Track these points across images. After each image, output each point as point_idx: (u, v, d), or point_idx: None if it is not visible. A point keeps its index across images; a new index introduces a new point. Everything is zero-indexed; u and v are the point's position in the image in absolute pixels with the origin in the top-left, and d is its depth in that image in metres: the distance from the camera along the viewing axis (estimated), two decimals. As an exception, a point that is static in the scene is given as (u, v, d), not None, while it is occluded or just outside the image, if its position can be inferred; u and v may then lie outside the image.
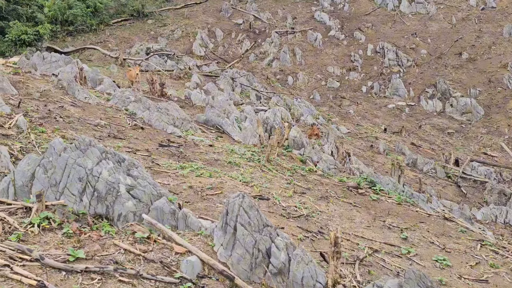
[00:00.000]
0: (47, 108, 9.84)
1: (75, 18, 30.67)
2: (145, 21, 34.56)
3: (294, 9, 36.56)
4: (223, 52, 33.05)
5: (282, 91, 28.85)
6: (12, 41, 25.98)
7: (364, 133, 23.62)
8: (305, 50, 32.74)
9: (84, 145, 3.95)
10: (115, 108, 11.77)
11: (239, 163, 8.78)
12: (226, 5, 36.42)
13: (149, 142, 9.23)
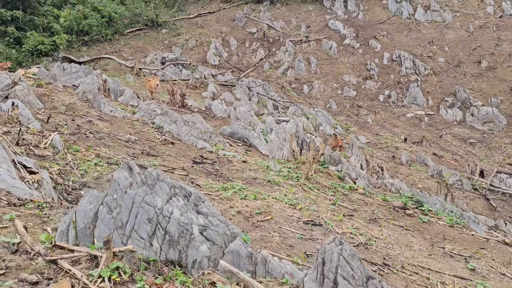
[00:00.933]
0: (75, 122, 9.41)
1: (90, 28, 30.51)
2: (159, 30, 34.36)
3: (308, 18, 36.20)
4: (237, 61, 32.70)
5: (298, 100, 28.38)
6: (29, 51, 25.80)
7: (384, 143, 23.01)
8: (320, 59, 32.29)
9: (151, 179, 3.47)
10: (142, 122, 11.33)
11: (278, 181, 8.26)
12: (240, 14, 36.16)
13: (182, 158, 8.75)
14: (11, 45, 25.78)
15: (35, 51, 25.87)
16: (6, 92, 10.13)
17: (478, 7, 32.79)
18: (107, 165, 6.72)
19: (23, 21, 26.95)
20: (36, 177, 4.73)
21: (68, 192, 5.26)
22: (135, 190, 3.35)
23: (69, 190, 5.29)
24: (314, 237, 5.63)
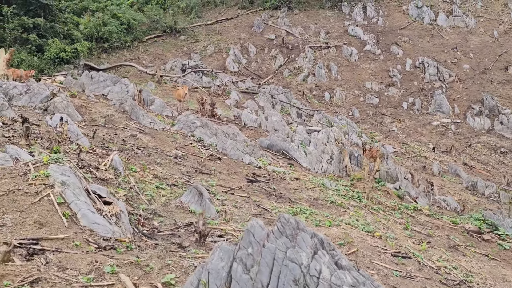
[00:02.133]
0: (119, 137, 8.87)
1: (110, 35, 30.19)
2: (177, 37, 33.97)
3: (327, 24, 35.62)
4: (257, 68, 32.17)
5: (320, 108, 27.74)
6: (51, 58, 25.48)
7: (411, 152, 22.26)
8: (340, 65, 31.65)
9: (290, 228, 2.87)
10: (182, 134, 10.77)
11: (341, 203, 7.63)
12: (258, 21, 35.67)
13: (235, 176, 8.15)
14: (33, 52, 25.48)
15: (57, 59, 25.54)
16: (45, 104, 9.63)
17: (502, 12, 32.02)
18: (169, 188, 6.14)
19: (44, 29, 26.66)
20: (113, 209, 4.16)
21: (142, 223, 4.68)
22: (274, 243, 2.75)
23: (142, 221, 4.70)
24: (411, 274, 4.98)
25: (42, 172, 4.04)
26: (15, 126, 7.11)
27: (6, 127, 6.86)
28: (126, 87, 16.24)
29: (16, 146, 5.03)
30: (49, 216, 3.51)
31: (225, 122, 15.69)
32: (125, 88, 16.19)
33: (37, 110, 9.23)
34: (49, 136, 6.85)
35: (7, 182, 3.82)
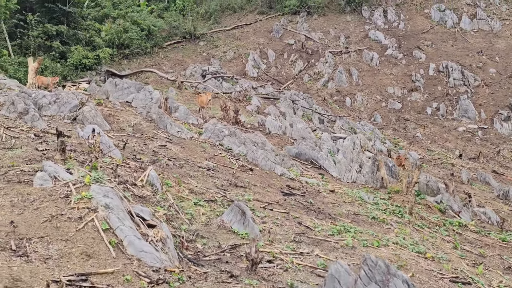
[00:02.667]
0: (149, 147, 8.61)
1: (131, 42, 30.30)
2: (197, 43, 33.93)
3: (347, 28, 35.08)
4: (276, 73, 31.84)
5: (341, 113, 27.21)
6: (74, 65, 25.65)
7: (437, 159, 21.54)
8: (361, 70, 31.05)
9: (379, 273, 2.50)
10: (210, 143, 10.48)
11: (383, 219, 7.18)
12: (277, 26, 35.37)
13: (269, 189, 7.79)
14: (56, 59, 25.70)
15: (80, 65, 25.70)
16: (74, 114, 9.46)
17: (529, 15, 30.99)
18: (207, 204, 5.82)
19: (67, 36, 26.90)
20: (158, 234, 3.84)
21: (186, 246, 4.35)
22: (362, 289, 2.38)
23: (185, 244, 4.37)
24: (477, 304, 4.51)
25: (84, 194, 3.76)
26: (47, 138, 6.91)
27: (39, 140, 6.65)
28: (150, 94, 16.09)
29: (53, 163, 4.77)
30: (95, 245, 3.21)
31: (249, 130, 15.36)
32: (148, 95, 16.03)
33: (66, 120, 9.06)
34: (82, 149, 6.61)
35: (49, 206, 3.55)
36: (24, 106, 7.53)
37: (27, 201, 3.60)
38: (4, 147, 5.87)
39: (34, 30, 25.29)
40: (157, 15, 35.84)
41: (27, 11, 25.95)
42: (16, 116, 7.47)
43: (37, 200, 3.65)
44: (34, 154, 5.68)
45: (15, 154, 5.49)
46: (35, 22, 25.35)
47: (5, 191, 3.82)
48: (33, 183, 4.04)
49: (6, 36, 24.85)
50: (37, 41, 25.29)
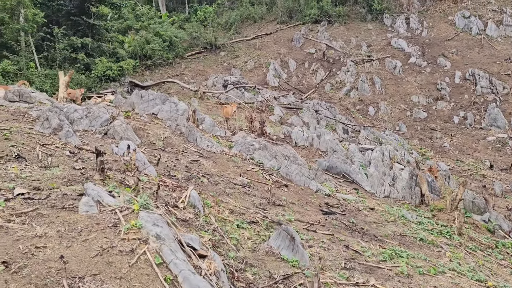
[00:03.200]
0: (181, 163, 8.37)
1: (153, 53, 30.51)
2: (217, 53, 33.97)
3: (368, 37, 34.58)
4: (297, 82, 31.53)
5: (365, 123, 26.64)
6: (98, 76, 25.90)
7: (467, 170, 20.75)
8: (384, 79, 30.47)
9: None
10: (241, 157, 10.18)
11: (432, 240, 6.71)
12: (297, 35, 35.16)
13: (308, 207, 7.42)
14: (81, 71, 26.01)
15: (104, 77, 25.94)
16: (105, 128, 9.31)
17: (559, 20, 29.92)
18: (250, 227, 5.49)
19: (91, 48, 27.24)
20: (211, 266, 3.53)
21: (236, 277, 4.02)
22: None
23: (236, 275, 4.05)
24: None
25: (133, 223, 3.49)
26: (82, 155, 6.73)
27: (74, 157, 6.48)
28: (175, 105, 15.96)
29: (95, 186, 4.54)
30: (150, 283, 2.92)
31: (276, 141, 15.05)
32: (174, 107, 15.91)
33: (97, 135, 8.92)
34: (118, 167, 6.40)
35: (98, 237, 3.28)
36: (58, 122, 7.40)
37: (75, 231, 3.35)
38: (41, 166, 5.69)
39: (60, 42, 25.69)
40: (178, 26, 36.12)
41: (54, 24, 26.42)
42: (50, 132, 7.34)
43: (85, 230, 3.39)
44: (72, 173, 5.48)
45: (53, 174, 5.29)
46: (61, 35, 25.75)
47: (50, 219, 3.58)
48: (78, 210, 3.80)
49: (33, 49, 25.31)
50: (63, 53, 25.67)
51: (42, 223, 3.46)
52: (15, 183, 4.74)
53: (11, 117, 8.80)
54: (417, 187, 9.66)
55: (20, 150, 6.13)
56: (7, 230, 3.31)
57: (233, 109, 16.39)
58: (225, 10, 39.31)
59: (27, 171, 5.34)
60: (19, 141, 6.51)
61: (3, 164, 5.47)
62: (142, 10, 34.36)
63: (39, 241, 3.14)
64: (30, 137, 6.86)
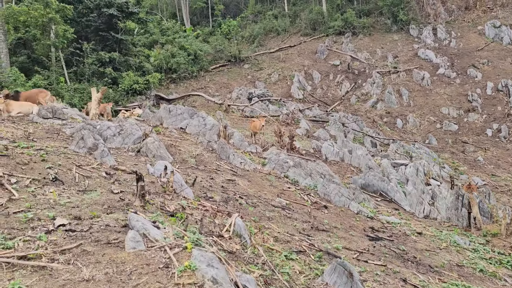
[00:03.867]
0: (216, 182, 8.02)
1: (178, 66, 30.67)
2: (241, 66, 33.90)
3: (394, 48, 33.87)
4: (322, 95, 31.03)
5: (393, 135, 25.85)
6: (125, 90, 26.11)
7: (504, 185, 19.70)
8: (412, 90, 29.64)
9: None
10: (275, 175, 9.77)
11: (493, 272, 6.09)
12: (321, 47, 34.77)
13: (353, 232, 6.91)
14: (108, 85, 26.28)
15: (130, 90, 26.14)
16: (138, 145, 9.09)
17: None
18: (299, 258, 5.04)
19: (118, 62, 27.57)
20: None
21: (295, 322, 3.58)
22: None
23: (294, 319, 3.61)
24: None
25: (187, 264, 3.12)
26: (118, 176, 6.46)
27: (110, 178, 6.21)
28: (203, 120, 15.72)
29: (137, 215, 4.21)
30: None
31: (306, 157, 14.59)
32: (202, 121, 15.68)
33: (131, 153, 8.70)
34: (155, 189, 6.09)
35: (150, 282, 2.92)
36: (93, 141, 7.19)
37: (124, 274, 3.00)
38: (79, 190, 5.42)
39: (89, 57, 26.09)
40: (202, 39, 36.34)
41: (83, 39, 26.90)
42: (86, 151, 7.14)
43: (135, 272, 3.04)
44: (111, 198, 5.18)
45: (92, 200, 5.01)
46: (90, 50, 26.17)
47: (96, 258, 3.24)
48: (124, 246, 3.47)
49: (63, 64, 25.77)
50: (91, 68, 26.04)
51: (88, 263, 3.13)
52: (54, 211, 4.47)
53: (45, 135, 8.68)
54: (463, 208, 9.01)
55: (57, 172, 5.90)
56: (51, 272, 2.99)
57: (261, 123, 16.01)
58: (249, 23, 39.38)
59: (66, 196, 5.07)
60: (55, 162, 6.29)
61: (41, 188, 5.23)
62: (167, 24, 34.74)
63: (87, 287, 2.80)
64: (66, 158, 6.65)
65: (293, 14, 38.86)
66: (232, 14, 40.98)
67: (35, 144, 7.33)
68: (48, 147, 7.21)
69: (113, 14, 27.19)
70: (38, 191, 5.07)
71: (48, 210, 4.48)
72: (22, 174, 5.55)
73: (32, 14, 24.14)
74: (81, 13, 27.94)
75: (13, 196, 4.73)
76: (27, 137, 7.99)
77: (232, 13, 41.34)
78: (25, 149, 6.72)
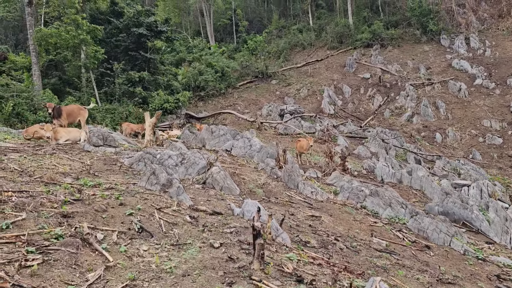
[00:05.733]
0: (299, 219, 6.95)
1: (206, 84, 29.99)
2: (269, 81, 33.08)
3: (426, 59, 32.64)
4: (354, 109, 29.88)
5: (433, 151, 24.45)
6: (155, 109, 25.40)
7: None
8: (449, 103, 28.27)
9: None
10: (351, 206, 8.67)
11: None
12: (350, 60, 33.75)
13: (480, 282, 5.73)
14: (138, 104, 25.70)
15: (161, 109, 25.43)
16: (202, 176, 8.11)
17: None
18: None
19: (148, 81, 27.02)
20: None
21: None
22: None
23: None
24: None
25: None
26: (203, 219, 5.46)
27: (197, 224, 5.21)
28: (248, 141, 14.79)
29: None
30: None
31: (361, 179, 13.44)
32: (247, 142, 14.73)
33: (197, 185, 7.74)
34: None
35: None
36: (167, 176, 6.24)
37: None
38: (172, 244, 4.43)
39: (119, 77, 25.60)
40: (227, 56, 35.76)
41: (112, 60, 26.47)
42: (159, 189, 6.18)
43: None
44: (217, 257, 4.17)
45: (196, 260, 4.00)
46: (120, 70, 25.70)
47: None
48: None
49: (94, 85, 25.32)
50: (122, 88, 25.52)
51: None
52: (162, 282, 3.46)
53: (104, 166, 7.80)
54: None
55: (140, 220, 4.93)
56: None
57: (309, 143, 14.95)
58: (273, 39, 38.73)
59: (164, 255, 4.08)
60: (134, 205, 5.33)
61: (131, 244, 4.26)
62: (194, 42, 34.29)
63: None
64: (143, 199, 5.69)
65: (318, 28, 38.08)
66: (256, 29, 40.45)
67: (101, 180, 6.42)
68: (117, 183, 6.28)
69: (142, 34, 26.77)
70: (131, 250, 4.09)
71: (157, 281, 3.48)
72: (105, 225, 4.59)
73: (64, 36, 23.82)
74: (110, 34, 27.60)
75: (107, 261, 3.75)
76: (88, 171, 7.09)
77: (255, 28, 40.82)
78: (94, 189, 5.79)
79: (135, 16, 27.18)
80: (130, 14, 27.40)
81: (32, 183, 5.80)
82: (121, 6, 28.88)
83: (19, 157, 7.54)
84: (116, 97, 25.70)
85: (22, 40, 34.37)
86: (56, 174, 6.43)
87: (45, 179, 6.02)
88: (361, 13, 37.01)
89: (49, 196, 5.00)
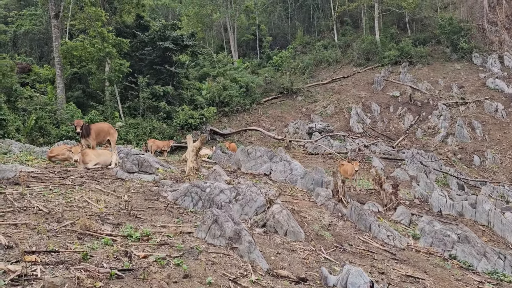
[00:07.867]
0: (394, 280, 5.30)
1: (230, 99, 28.64)
2: (294, 98, 31.60)
3: (458, 77, 30.83)
4: (384, 128, 28.11)
5: (473, 175, 22.48)
6: (180, 125, 24.11)
7: None
8: (486, 123, 26.33)
9: None
10: (437, 255, 6.98)
11: None
12: (378, 77, 32.14)
13: None
14: (163, 119, 24.44)
15: (186, 125, 24.11)
16: (262, 216, 6.52)
17: None
18: None
19: (172, 96, 25.80)
20: None
21: None
22: None
23: None
24: None
25: None
26: (280, 285, 3.87)
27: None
28: (289, 164, 13.19)
29: None
30: None
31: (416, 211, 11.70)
32: (288, 166, 13.13)
33: (257, 229, 6.18)
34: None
35: None
36: (233, 227, 4.67)
37: None
38: None
39: (143, 91, 24.43)
40: (251, 71, 34.51)
41: (136, 73, 25.40)
42: (225, 244, 4.62)
43: None
44: None
45: None
46: (145, 84, 24.55)
47: None
48: None
49: (118, 99, 24.17)
50: (146, 102, 24.32)
51: None
52: None
53: (144, 203, 6.28)
54: None
55: (216, 305, 3.35)
56: None
57: (355, 168, 13.27)
58: (298, 55, 37.43)
59: None
60: (202, 276, 3.75)
61: None
62: (218, 57, 33.13)
63: None
64: (210, 263, 4.11)
65: (343, 44, 36.68)
66: (279, 45, 39.24)
67: (147, 227, 4.88)
68: (169, 235, 4.72)
69: (168, 47, 25.67)
70: None
71: None
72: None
73: (89, 49, 22.82)
74: (135, 47, 26.59)
75: None
76: (127, 210, 5.57)
77: (279, 44, 39.63)
78: (143, 245, 4.25)
79: (161, 30, 26.16)
80: (156, 27, 26.39)
81: (62, 234, 4.29)
82: (146, 20, 27.96)
83: (44, 190, 6.08)
84: (139, 112, 24.50)
85: (46, 52, 33.70)
86: (91, 219, 4.91)
87: (78, 227, 4.51)
88: (388, 30, 35.54)
89: (87, 265, 3.46)
